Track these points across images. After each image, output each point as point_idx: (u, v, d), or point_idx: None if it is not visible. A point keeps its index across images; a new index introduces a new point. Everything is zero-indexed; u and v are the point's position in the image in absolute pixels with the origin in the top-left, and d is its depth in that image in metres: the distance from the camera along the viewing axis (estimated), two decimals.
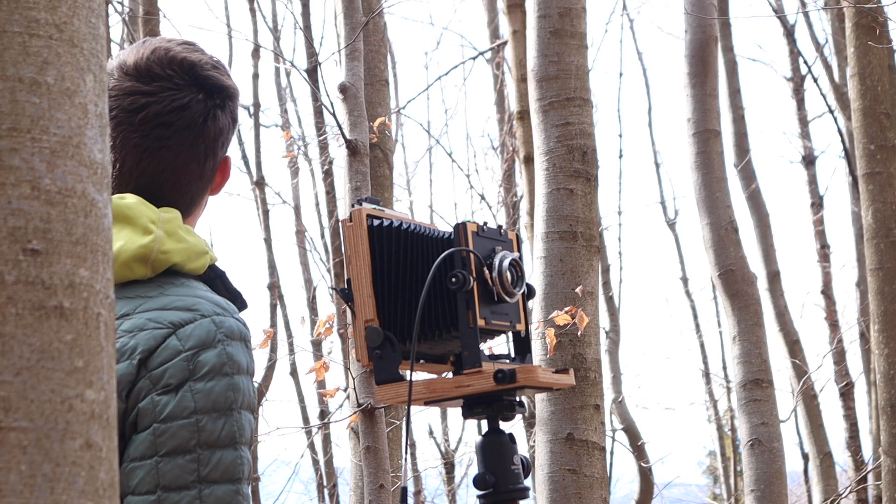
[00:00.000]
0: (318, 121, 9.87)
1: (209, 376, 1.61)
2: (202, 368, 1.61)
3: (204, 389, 1.60)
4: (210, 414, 1.60)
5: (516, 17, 8.52)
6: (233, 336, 1.65)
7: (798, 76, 13.03)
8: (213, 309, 1.67)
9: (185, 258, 1.72)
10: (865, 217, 5.89)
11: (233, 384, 1.62)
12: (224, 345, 1.63)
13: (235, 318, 1.69)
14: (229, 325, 1.66)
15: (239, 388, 1.63)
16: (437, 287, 1.87)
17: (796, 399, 10.11)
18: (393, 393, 1.90)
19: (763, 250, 10.83)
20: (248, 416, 1.64)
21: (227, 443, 1.61)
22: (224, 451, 1.60)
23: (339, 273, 7.77)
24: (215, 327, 1.64)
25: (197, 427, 1.59)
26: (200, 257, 1.74)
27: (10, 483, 1.03)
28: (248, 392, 1.64)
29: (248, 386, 1.65)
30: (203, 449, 1.59)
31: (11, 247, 1.07)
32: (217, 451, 1.60)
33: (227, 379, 1.62)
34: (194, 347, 1.62)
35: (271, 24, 11.36)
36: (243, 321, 1.70)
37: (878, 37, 6.01)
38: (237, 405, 1.62)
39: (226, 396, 1.61)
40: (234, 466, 1.61)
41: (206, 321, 1.64)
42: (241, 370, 1.64)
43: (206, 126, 1.80)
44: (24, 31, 1.10)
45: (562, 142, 4.32)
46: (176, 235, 1.72)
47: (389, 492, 3.57)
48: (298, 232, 11.51)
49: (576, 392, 4.07)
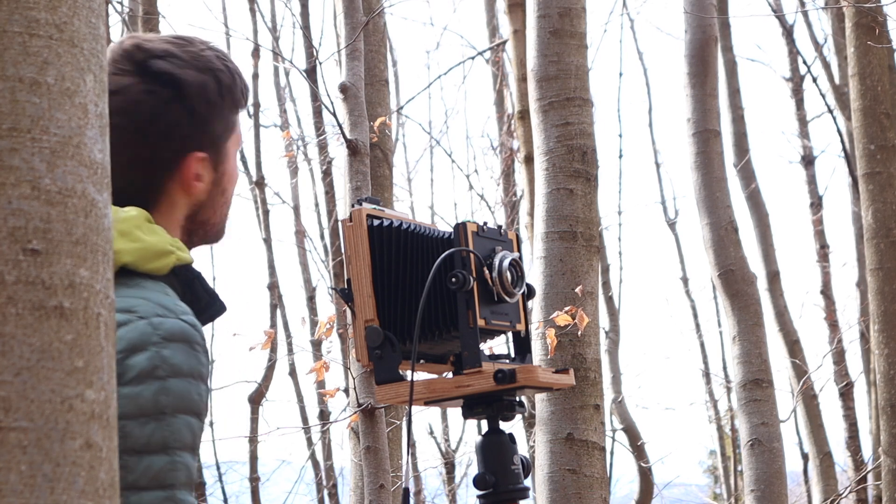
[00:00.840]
0: (317, 121, 9.87)
1: (137, 381, 1.55)
2: (130, 372, 1.55)
3: (130, 394, 1.54)
4: (137, 419, 1.54)
5: (516, 17, 8.52)
6: (173, 338, 1.59)
7: (797, 76, 13.03)
8: (154, 310, 1.60)
9: (137, 258, 1.65)
10: (865, 217, 5.89)
11: (165, 388, 1.56)
12: (159, 347, 1.57)
13: (182, 318, 1.61)
14: (169, 327, 1.59)
15: (172, 391, 1.56)
16: (437, 287, 1.87)
17: (796, 399, 10.11)
18: (393, 393, 1.90)
19: (763, 250, 10.82)
20: (186, 419, 1.57)
21: (156, 448, 1.55)
22: (154, 457, 1.54)
23: (339, 273, 7.76)
24: (151, 329, 1.58)
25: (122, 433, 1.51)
26: (160, 257, 1.68)
27: (10, 483, 1.03)
28: (186, 395, 1.58)
29: (186, 389, 1.58)
30: (129, 455, 1.52)
31: (11, 247, 1.07)
32: (145, 457, 1.54)
33: (159, 382, 1.55)
34: (124, 351, 1.56)
35: (270, 24, 11.36)
36: (193, 322, 1.63)
37: (877, 37, 6.01)
38: (170, 409, 1.56)
39: (155, 401, 1.55)
40: (165, 472, 1.55)
41: (141, 323, 1.58)
42: (178, 373, 1.57)
43: (138, 110, 1.74)
44: (25, 31, 1.10)
45: (562, 142, 4.32)
46: (130, 235, 1.66)
47: (389, 492, 3.57)
48: (298, 232, 11.50)
49: (576, 392, 4.07)
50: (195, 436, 1.59)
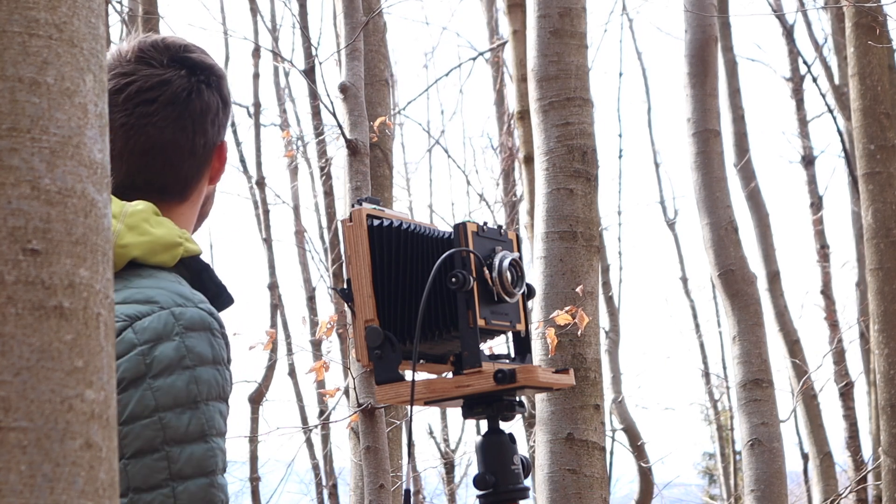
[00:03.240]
0: (316, 121, 9.87)
1: (168, 371, 1.57)
2: (160, 364, 1.57)
3: (164, 386, 1.56)
4: (173, 410, 1.56)
5: (516, 17, 8.52)
6: (194, 327, 1.61)
7: (797, 76, 13.03)
8: (174, 300, 1.62)
9: (146, 251, 1.67)
10: (865, 217, 5.89)
11: (195, 377, 1.58)
12: (183, 337, 1.59)
13: (200, 307, 1.63)
14: (190, 316, 1.61)
15: (202, 380, 1.59)
16: (437, 287, 1.87)
17: (796, 399, 10.11)
18: (393, 393, 1.90)
19: (763, 250, 10.82)
20: (217, 406, 1.60)
21: (195, 437, 1.57)
22: (194, 446, 1.57)
23: (339, 273, 7.77)
24: (174, 319, 1.60)
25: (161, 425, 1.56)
26: (169, 249, 1.69)
27: (10, 483, 1.03)
28: (214, 383, 1.60)
29: (213, 376, 1.60)
30: (171, 446, 1.55)
31: (11, 247, 1.06)
32: (187, 447, 1.57)
33: (189, 372, 1.58)
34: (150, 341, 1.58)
35: (270, 25, 11.36)
36: (210, 310, 1.65)
37: (877, 37, 6.01)
38: (202, 397, 1.58)
39: (188, 390, 1.57)
40: (206, 459, 1.58)
41: (164, 313, 1.60)
42: (204, 361, 1.60)
43: (190, 100, 1.78)
44: (24, 31, 1.10)
45: (562, 142, 4.32)
46: (139, 228, 1.67)
47: (389, 492, 3.57)
48: (298, 232, 11.51)
49: (576, 392, 4.07)
50: (225, 421, 1.63)
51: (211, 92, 1.81)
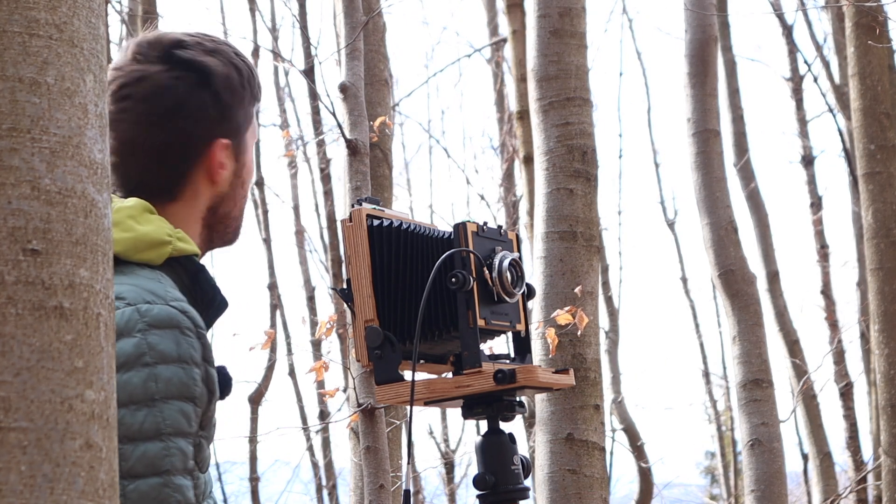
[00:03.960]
0: (315, 121, 9.87)
1: (125, 368, 1.54)
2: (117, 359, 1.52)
3: (119, 382, 1.52)
4: (128, 407, 1.53)
5: (516, 17, 8.52)
6: (159, 324, 1.58)
7: (797, 76, 13.02)
8: (143, 296, 1.60)
9: (127, 248, 1.65)
10: (865, 217, 5.89)
11: (154, 374, 1.55)
12: (145, 334, 1.56)
13: (171, 305, 1.60)
14: (156, 313, 1.58)
15: (162, 377, 1.55)
16: (437, 287, 1.87)
17: (796, 399, 10.11)
18: (393, 393, 1.90)
19: (763, 250, 10.82)
20: (178, 405, 1.56)
21: (150, 435, 1.54)
22: (148, 444, 1.54)
23: (339, 273, 7.77)
24: (138, 315, 1.57)
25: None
26: (155, 247, 1.67)
27: (10, 483, 1.03)
28: (177, 381, 1.56)
29: (177, 374, 1.56)
30: (123, 443, 1.51)
31: (11, 247, 1.06)
32: (140, 444, 1.53)
33: (148, 369, 1.55)
34: None
35: (269, 24, 11.36)
36: (183, 308, 1.61)
37: (878, 36, 6.01)
38: (160, 395, 1.55)
39: (145, 388, 1.54)
40: (160, 458, 1.54)
41: (128, 310, 1.58)
42: (166, 359, 1.56)
43: (162, 96, 1.75)
44: (24, 31, 1.10)
45: (562, 142, 4.32)
46: (123, 225, 1.66)
47: (389, 492, 3.57)
48: (298, 232, 11.51)
49: (576, 392, 4.07)
50: (190, 421, 1.58)
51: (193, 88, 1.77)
